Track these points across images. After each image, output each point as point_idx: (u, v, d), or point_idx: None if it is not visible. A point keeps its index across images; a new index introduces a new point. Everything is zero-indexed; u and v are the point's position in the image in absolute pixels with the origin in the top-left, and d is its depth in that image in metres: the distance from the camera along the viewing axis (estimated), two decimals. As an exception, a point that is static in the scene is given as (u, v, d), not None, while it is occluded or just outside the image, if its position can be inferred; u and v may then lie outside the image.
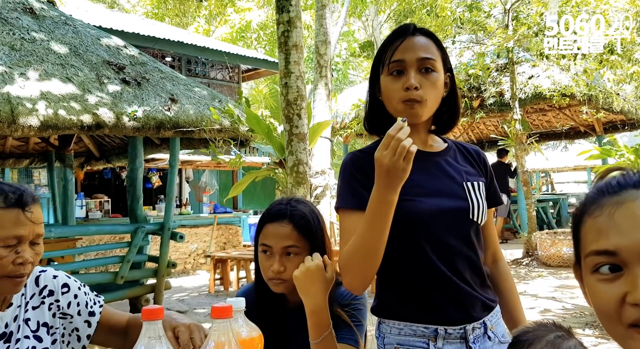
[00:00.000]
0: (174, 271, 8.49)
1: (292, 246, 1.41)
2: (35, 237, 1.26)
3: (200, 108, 5.31)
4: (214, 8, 17.99)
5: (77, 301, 1.41)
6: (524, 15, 8.66)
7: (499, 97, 8.95)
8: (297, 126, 3.75)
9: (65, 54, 4.99)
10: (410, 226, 1.29)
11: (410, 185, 1.28)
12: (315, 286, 1.31)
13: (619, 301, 0.67)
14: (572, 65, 8.04)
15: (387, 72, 1.33)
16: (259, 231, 1.48)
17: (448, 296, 1.30)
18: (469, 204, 1.33)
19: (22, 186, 1.28)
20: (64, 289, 1.40)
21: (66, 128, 4.42)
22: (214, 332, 0.99)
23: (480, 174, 1.44)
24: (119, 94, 4.87)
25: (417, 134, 1.38)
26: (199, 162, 10.21)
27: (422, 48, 1.31)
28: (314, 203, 1.91)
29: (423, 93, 1.29)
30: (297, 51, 3.79)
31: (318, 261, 1.34)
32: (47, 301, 1.38)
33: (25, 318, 1.34)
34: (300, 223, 1.43)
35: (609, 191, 0.73)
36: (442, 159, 1.40)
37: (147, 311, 0.97)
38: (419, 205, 1.29)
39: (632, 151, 5.91)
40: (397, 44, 1.32)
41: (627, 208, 0.69)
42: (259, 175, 4.96)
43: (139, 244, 5.48)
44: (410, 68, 1.30)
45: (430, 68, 1.30)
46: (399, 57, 1.31)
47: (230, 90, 12.09)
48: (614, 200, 0.71)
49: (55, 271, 1.43)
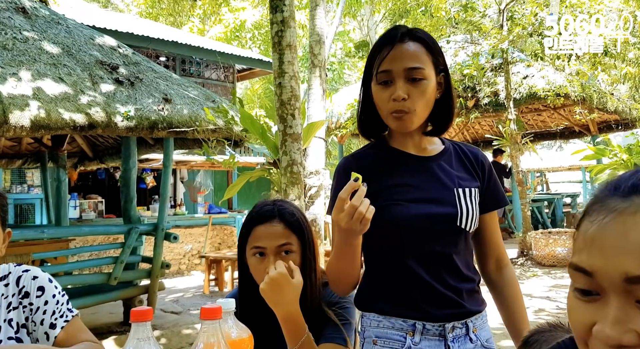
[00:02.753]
0: (168, 272, 8.46)
1: (286, 244, 1.39)
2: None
3: (194, 108, 5.28)
4: (208, 7, 17.95)
5: (44, 309, 1.35)
6: (519, 16, 8.68)
7: (493, 97, 8.97)
8: (291, 126, 3.73)
9: (57, 54, 4.96)
10: (395, 231, 1.30)
11: (399, 189, 1.33)
12: (282, 294, 1.27)
13: (589, 327, 0.57)
14: (566, 65, 8.07)
15: (376, 81, 1.33)
16: (246, 236, 1.44)
17: (427, 299, 1.31)
18: (457, 211, 1.32)
19: None
20: (39, 292, 1.35)
21: (59, 129, 4.38)
22: (203, 333, 0.98)
23: (476, 179, 1.41)
24: (112, 94, 4.84)
25: (411, 138, 1.39)
26: (194, 162, 10.17)
27: (409, 57, 1.29)
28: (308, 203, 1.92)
29: (411, 103, 1.28)
30: (291, 51, 3.77)
31: (281, 268, 1.29)
32: (23, 302, 1.35)
33: (8, 318, 1.32)
34: (291, 221, 1.41)
35: (618, 192, 0.59)
36: (435, 164, 1.39)
37: (135, 312, 0.97)
38: (405, 210, 1.30)
39: (625, 150, 5.94)
40: (385, 53, 1.30)
41: (620, 222, 0.56)
42: (254, 175, 4.95)
43: (132, 245, 5.45)
44: (397, 78, 1.28)
45: (418, 78, 1.28)
46: (386, 67, 1.29)
47: (224, 90, 12.06)
48: (615, 205, 0.58)
49: (37, 272, 1.38)
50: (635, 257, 0.53)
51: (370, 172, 1.30)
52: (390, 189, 1.33)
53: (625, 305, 0.54)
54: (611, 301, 0.55)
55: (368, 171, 1.29)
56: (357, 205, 1.12)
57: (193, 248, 9.94)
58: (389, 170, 1.37)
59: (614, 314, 0.55)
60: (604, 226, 0.57)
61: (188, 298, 7.19)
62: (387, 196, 1.31)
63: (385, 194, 1.32)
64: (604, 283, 0.56)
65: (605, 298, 0.56)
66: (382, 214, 1.25)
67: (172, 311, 6.23)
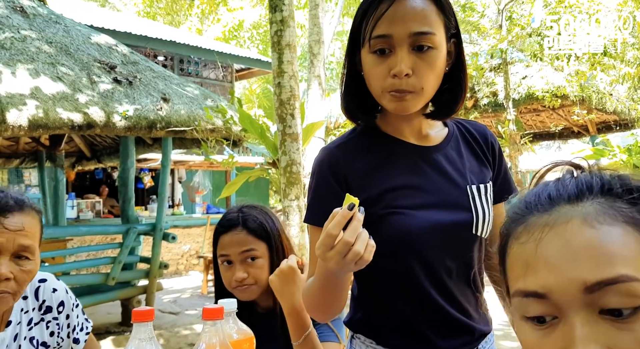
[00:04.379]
0: (166, 273, 8.43)
1: (249, 249, 1.41)
2: (18, 249, 1.10)
3: (192, 108, 5.26)
4: (206, 7, 17.93)
5: (67, 322, 1.32)
6: (518, 16, 8.69)
7: (492, 97, 8.98)
8: (290, 126, 3.72)
9: (55, 53, 4.93)
10: (399, 245, 1.05)
11: (399, 193, 1.05)
12: (289, 287, 1.28)
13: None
14: (565, 66, 8.08)
15: (369, 48, 1.01)
16: (215, 244, 1.47)
17: (437, 327, 1.08)
18: (472, 216, 1.07)
19: (5, 190, 1.14)
20: (60, 308, 1.30)
21: (57, 128, 4.36)
22: (205, 334, 0.96)
23: (487, 167, 1.16)
24: (110, 93, 4.82)
25: (408, 122, 1.11)
26: (192, 162, 10.15)
27: (416, 17, 0.97)
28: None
29: (417, 81, 0.98)
30: (290, 50, 3.77)
31: (291, 262, 1.32)
32: (46, 318, 1.28)
33: (30, 336, 1.23)
34: (253, 227, 1.43)
35: (538, 208, 0.57)
36: (440, 154, 1.11)
37: (137, 312, 0.96)
38: (410, 220, 1.03)
39: (624, 151, 5.94)
40: (382, 10, 0.97)
41: (557, 234, 0.53)
42: (252, 175, 4.94)
43: (130, 245, 5.43)
44: (399, 46, 0.97)
45: (427, 46, 0.98)
46: (384, 31, 0.97)
47: (223, 89, 12.04)
48: (543, 221, 0.55)
49: (54, 283, 1.32)
50: (587, 263, 0.50)
51: (361, 169, 1.08)
52: (390, 192, 1.05)
53: (589, 320, 0.50)
54: (573, 320, 0.50)
55: (359, 167, 1.07)
56: (351, 242, 0.83)
57: (191, 248, 9.92)
58: (386, 166, 1.09)
59: (580, 333, 0.50)
60: (543, 244, 0.53)
61: (186, 298, 7.17)
62: (386, 202, 1.04)
63: (384, 199, 1.05)
64: (561, 300, 0.51)
65: (565, 319, 0.52)
66: (380, 226, 1.02)
67: (170, 311, 6.21)
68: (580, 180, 0.57)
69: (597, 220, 0.52)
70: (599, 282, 0.49)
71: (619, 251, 0.50)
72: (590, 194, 0.55)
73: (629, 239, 0.51)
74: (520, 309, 0.56)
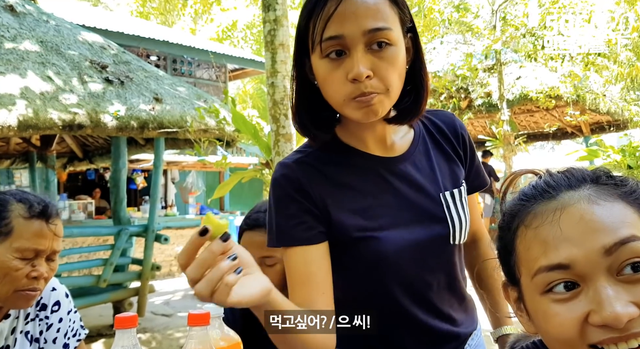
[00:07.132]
0: (159, 274, 8.37)
1: (267, 257, 1.36)
2: (51, 253, 1.20)
3: (185, 108, 5.22)
4: (200, 7, 17.89)
5: (58, 327, 1.32)
6: (512, 17, 8.71)
7: (486, 98, 9.00)
8: (283, 126, 3.70)
9: (46, 52, 4.88)
10: (376, 270, 0.98)
11: (369, 213, 0.98)
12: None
13: (581, 323, 0.59)
14: (559, 66, 8.11)
15: (320, 53, 0.90)
16: (239, 238, 1.43)
17: (422, 342, 1.03)
18: (448, 226, 1.01)
19: (47, 198, 1.22)
20: (55, 307, 1.33)
21: (47, 128, 4.32)
22: (191, 340, 0.94)
23: (458, 163, 1.09)
24: (102, 93, 4.77)
25: (371, 130, 1.01)
26: (185, 162, 10.11)
27: (368, 12, 0.87)
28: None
29: (379, 82, 0.89)
30: (283, 50, 3.74)
31: None
32: (40, 315, 1.31)
33: (25, 330, 1.28)
34: None
35: (543, 196, 0.67)
36: (408, 163, 1.03)
37: (120, 319, 0.94)
38: (384, 244, 0.96)
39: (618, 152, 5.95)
40: (330, 8, 0.87)
41: (570, 213, 0.63)
42: (246, 176, 4.90)
43: (122, 246, 5.37)
44: (354, 47, 0.87)
45: (385, 43, 0.88)
46: (334, 31, 0.87)
47: (216, 89, 11.99)
48: (552, 206, 0.64)
49: (56, 283, 1.36)
50: (602, 231, 0.60)
51: (325, 189, 0.97)
52: (358, 215, 0.97)
53: (611, 282, 0.59)
54: (599, 283, 0.59)
55: (322, 186, 0.97)
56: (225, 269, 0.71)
57: (184, 249, 9.86)
58: (352, 184, 1.00)
59: (609, 292, 0.58)
60: (561, 223, 0.62)
61: (178, 300, 7.12)
62: (356, 226, 0.96)
63: (352, 223, 0.97)
64: (585, 268, 0.60)
65: (589, 285, 0.60)
66: (355, 250, 0.96)
67: (163, 313, 6.16)
68: (571, 173, 0.68)
69: (599, 198, 0.63)
70: (616, 242, 0.59)
71: (624, 219, 0.61)
72: (585, 182, 0.66)
73: (627, 211, 0.63)
74: (542, 285, 0.63)
